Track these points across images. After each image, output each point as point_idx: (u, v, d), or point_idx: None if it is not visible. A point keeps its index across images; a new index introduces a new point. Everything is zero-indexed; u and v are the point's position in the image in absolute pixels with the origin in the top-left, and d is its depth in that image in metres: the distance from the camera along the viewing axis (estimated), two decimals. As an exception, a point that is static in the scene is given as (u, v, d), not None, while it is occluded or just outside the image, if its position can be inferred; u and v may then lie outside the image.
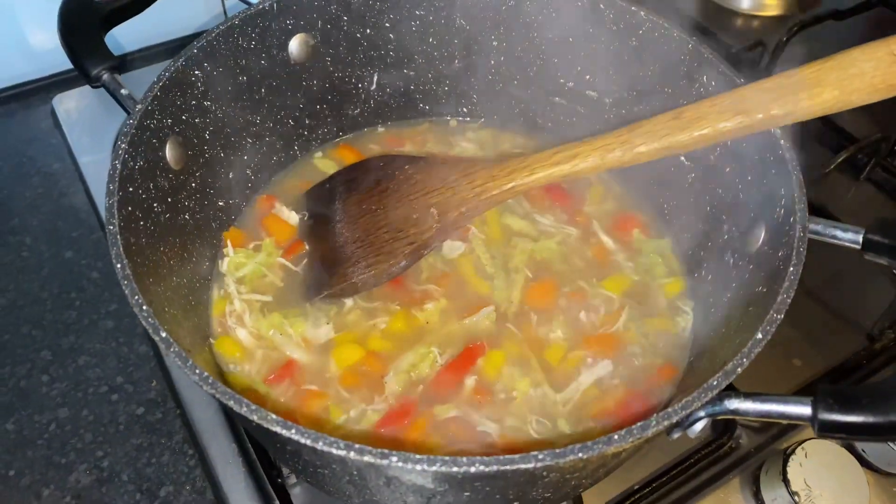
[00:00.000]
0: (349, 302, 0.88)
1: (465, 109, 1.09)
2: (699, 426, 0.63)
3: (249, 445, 0.86)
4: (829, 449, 0.84)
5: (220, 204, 0.92)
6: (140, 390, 0.95)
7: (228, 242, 0.92)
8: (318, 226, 0.94)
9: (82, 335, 1.00)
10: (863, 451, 0.87)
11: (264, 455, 0.85)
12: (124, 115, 1.16)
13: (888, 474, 0.86)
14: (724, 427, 0.89)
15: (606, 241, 0.95)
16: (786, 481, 0.81)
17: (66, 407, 0.93)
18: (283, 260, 0.92)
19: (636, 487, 0.85)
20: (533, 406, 0.80)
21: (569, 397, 0.81)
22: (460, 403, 0.80)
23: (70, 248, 1.09)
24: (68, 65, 0.81)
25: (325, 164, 1.03)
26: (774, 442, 0.90)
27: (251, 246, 0.93)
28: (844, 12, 1.37)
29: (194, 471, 0.88)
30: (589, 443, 0.55)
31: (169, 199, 0.80)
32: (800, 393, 0.93)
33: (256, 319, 0.86)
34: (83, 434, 0.91)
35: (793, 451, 0.83)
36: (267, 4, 0.87)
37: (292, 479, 0.84)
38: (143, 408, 0.93)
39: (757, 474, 0.86)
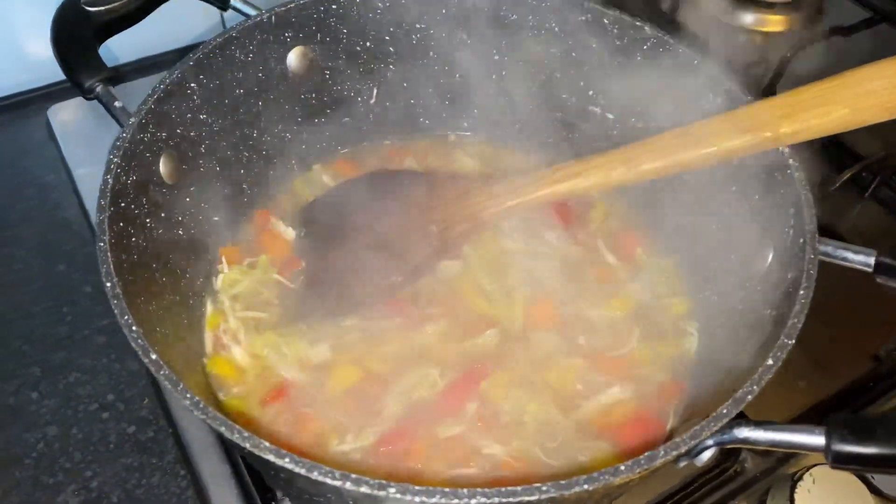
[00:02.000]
0: (347, 322, 0.86)
1: (465, 124, 1.07)
2: (707, 455, 0.61)
3: (243, 467, 0.83)
4: (838, 475, 0.82)
5: (215, 219, 0.90)
6: (131, 408, 0.92)
7: (223, 259, 0.91)
8: (316, 242, 0.92)
9: (73, 351, 0.97)
10: (872, 477, 0.85)
11: (258, 477, 0.83)
12: (119, 127, 1.16)
13: (897, 501, 0.84)
14: (728, 451, 0.87)
15: (610, 259, 0.93)
16: (793, 508, 0.80)
17: (55, 425, 0.91)
18: (279, 277, 0.90)
19: (639, 513, 0.84)
20: (539, 428, 0.79)
21: (575, 419, 0.79)
22: (462, 426, 0.78)
23: (63, 262, 1.07)
24: (64, 75, 0.80)
25: (323, 178, 1.02)
26: (780, 467, 0.88)
27: (246, 262, 0.92)
28: (848, 28, 1.36)
29: (186, 492, 0.86)
30: (595, 473, 0.53)
31: (162, 215, 0.78)
32: (807, 416, 0.91)
33: (251, 338, 0.84)
34: (72, 453, 0.89)
35: (800, 477, 0.82)
36: (265, 17, 0.86)
37: (286, 502, 0.82)
38: (135, 426, 0.91)
39: (763, 500, 0.84)
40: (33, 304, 1.02)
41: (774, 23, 1.47)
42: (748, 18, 1.47)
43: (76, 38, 0.80)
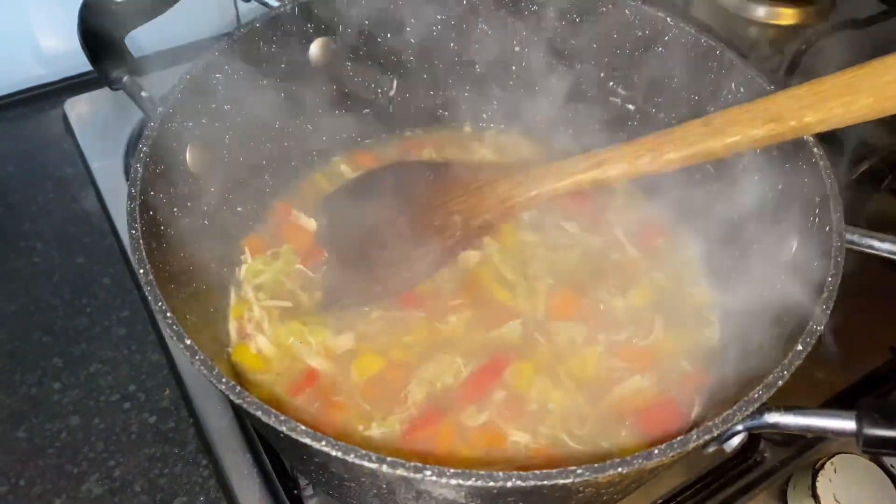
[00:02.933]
0: (371, 312, 0.86)
1: (485, 115, 1.07)
2: (736, 440, 0.61)
3: (265, 455, 0.84)
4: (859, 464, 0.82)
5: (239, 209, 0.90)
6: (152, 399, 0.93)
7: (246, 249, 0.91)
8: (337, 232, 0.92)
9: (94, 342, 0.98)
10: (892, 466, 0.85)
11: (280, 465, 0.83)
12: (136, 119, 1.16)
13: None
14: (749, 441, 0.88)
15: (631, 249, 0.93)
16: (815, 497, 0.80)
17: (77, 415, 0.91)
18: (301, 267, 0.90)
19: (660, 502, 0.84)
20: (565, 416, 0.79)
21: (600, 407, 0.80)
22: (488, 413, 0.78)
23: (82, 254, 1.07)
24: (81, 68, 0.80)
25: (344, 169, 1.02)
26: (800, 456, 0.88)
27: (269, 253, 0.92)
28: (862, 21, 1.37)
29: (208, 481, 0.86)
30: (628, 457, 0.53)
31: (188, 204, 0.79)
32: (827, 405, 0.91)
33: (275, 327, 0.85)
34: (95, 443, 0.89)
35: (822, 466, 0.82)
36: (288, 8, 0.86)
37: (309, 491, 0.82)
38: (156, 416, 0.92)
39: (784, 489, 0.85)
40: (53, 297, 1.02)
41: (788, 16, 1.47)
42: (761, 11, 1.47)
43: (102, 29, 0.80)
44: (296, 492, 0.82)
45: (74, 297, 1.02)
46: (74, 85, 1.27)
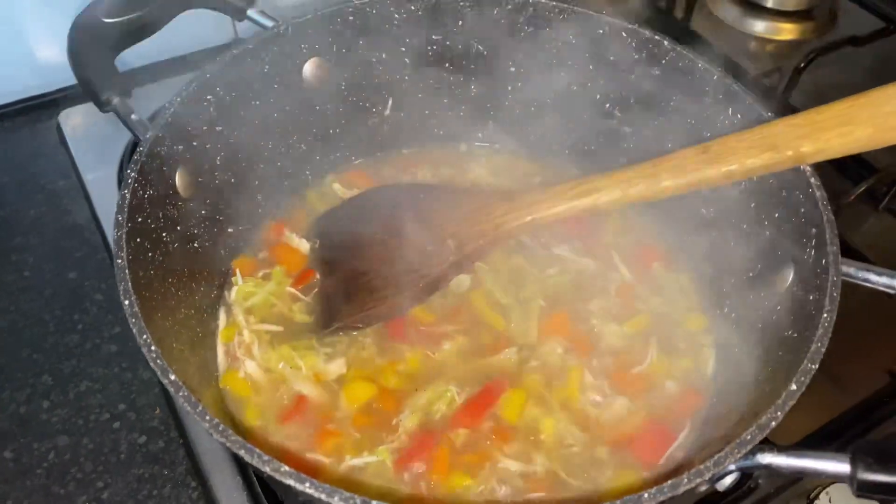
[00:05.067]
0: (363, 337, 0.85)
1: (480, 135, 1.07)
2: (728, 480, 0.61)
3: (254, 479, 0.83)
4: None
5: (230, 231, 0.90)
6: (143, 418, 0.92)
7: (237, 271, 0.90)
8: (330, 254, 0.91)
9: (84, 359, 0.97)
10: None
11: (269, 490, 0.82)
12: (134, 138, 1.15)
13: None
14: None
15: (625, 273, 0.93)
16: (810, 528, 0.79)
17: (66, 434, 0.91)
18: (292, 290, 0.90)
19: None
20: (556, 444, 0.78)
21: (592, 434, 0.79)
22: (481, 442, 0.78)
23: (74, 269, 1.06)
24: (75, 80, 0.79)
25: (337, 189, 1.01)
26: (795, 485, 0.87)
27: (260, 274, 0.91)
28: (862, 38, 1.36)
29: (197, 503, 0.85)
30: (618, 501, 0.52)
31: (178, 228, 0.78)
32: (824, 431, 0.90)
33: (265, 351, 0.84)
34: (83, 463, 0.88)
35: (816, 496, 0.81)
36: (282, 28, 0.86)
37: (298, 515, 0.81)
38: (146, 436, 0.91)
39: (778, 518, 0.84)
40: (44, 312, 1.02)
41: (787, 31, 1.46)
42: (760, 27, 1.46)
43: (93, 50, 0.79)
44: (285, 514, 0.81)
45: (66, 313, 1.01)
46: (69, 97, 1.26)
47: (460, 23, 0.93)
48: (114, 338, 0.99)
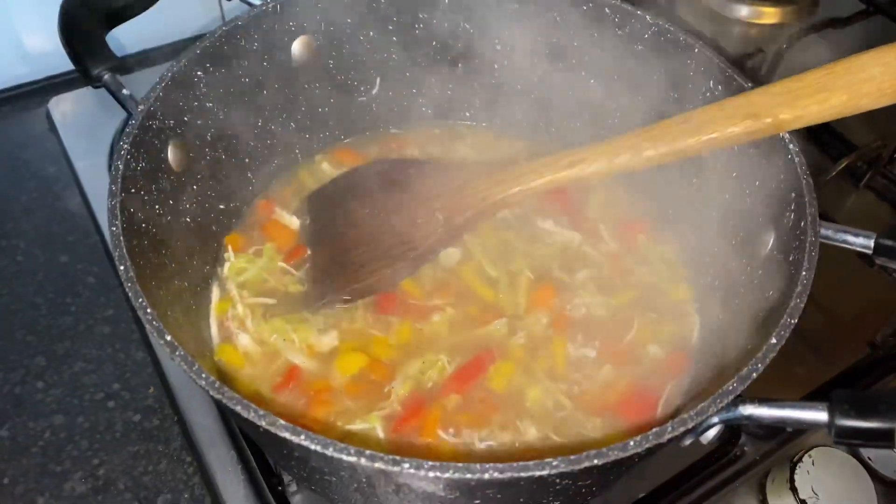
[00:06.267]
0: (355, 310, 0.86)
1: (466, 114, 1.08)
2: (712, 433, 0.62)
3: (249, 453, 0.84)
4: (836, 456, 0.83)
5: (221, 207, 0.91)
6: (137, 397, 0.93)
7: (229, 247, 0.91)
8: (320, 230, 0.92)
9: (77, 341, 0.98)
10: (868, 458, 0.86)
11: (264, 462, 0.83)
12: (121, 118, 1.16)
13: (894, 482, 0.86)
14: (728, 435, 0.89)
15: (612, 246, 0.94)
16: (794, 489, 0.81)
17: (61, 414, 0.91)
18: (284, 265, 0.91)
19: (641, 497, 0.84)
20: (544, 411, 0.80)
21: (580, 402, 0.80)
22: (472, 408, 0.79)
23: (65, 253, 1.07)
24: (64, 67, 0.80)
25: (326, 167, 1.02)
26: (779, 450, 0.89)
27: (252, 250, 0.92)
28: (843, 20, 1.38)
29: (192, 478, 0.86)
30: (604, 449, 0.54)
31: (170, 202, 0.79)
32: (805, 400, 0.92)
33: (258, 325, 0.85)
34: (79, 441, 0.89)
35: (800, 459, 0.83)
36: (270, 6, 0.86)
37: (293, 487, 0.82)
38: (140, 415, 0.92)
39: (762, 482, 0.86)
40: (37, 296, 1.02)
41: (769, 15, 1.48)
42: (744, 11, 1.48)
43: (84, 26, 0.80)
44: (280, 488, 0.82)
45: (58, 296, 1.02)
46: (59, 83, 1.26)
47: (447, 1, 0.95)
48: (107, 319, 1.00)
